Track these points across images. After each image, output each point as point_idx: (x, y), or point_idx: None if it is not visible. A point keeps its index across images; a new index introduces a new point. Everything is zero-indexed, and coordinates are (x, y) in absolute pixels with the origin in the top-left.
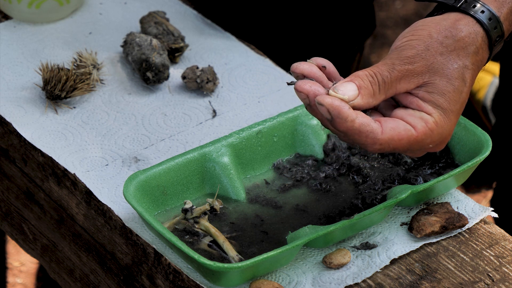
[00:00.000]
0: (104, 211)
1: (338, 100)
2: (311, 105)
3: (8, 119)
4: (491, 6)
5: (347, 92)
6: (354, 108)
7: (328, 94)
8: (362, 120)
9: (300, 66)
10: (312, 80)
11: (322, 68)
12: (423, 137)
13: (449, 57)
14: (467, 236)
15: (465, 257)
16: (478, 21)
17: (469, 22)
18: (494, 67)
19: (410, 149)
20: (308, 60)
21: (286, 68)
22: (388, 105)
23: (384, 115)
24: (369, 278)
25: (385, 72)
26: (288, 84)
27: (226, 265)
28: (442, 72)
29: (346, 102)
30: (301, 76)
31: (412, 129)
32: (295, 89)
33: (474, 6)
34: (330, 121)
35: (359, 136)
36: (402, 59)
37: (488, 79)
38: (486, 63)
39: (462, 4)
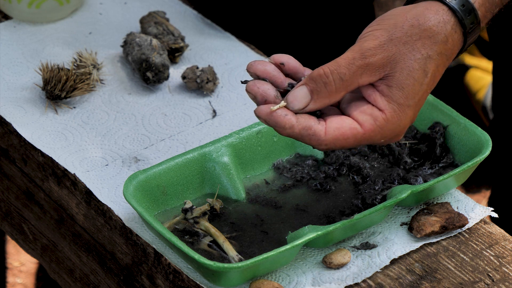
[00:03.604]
0: (104, 211)
1: (276, 109)
2: None
3: (8, 119)
4: None
5: (296, 102)
6: (309, 111)
7: (279, 93)
8: (303, 124)
9: (254, 66)
10: (265, 80)
11: (280, 66)
12: (371, 134)
13: (412, 46)
14: (467, 236)
15: (465, 257)
16: (451, 8)
17: (439, 10)
18: None
19: (359, 145)
20: (267, 58)
21: None
22: (354, 98)
23: (345, 110)
24: (369, 278)
25: (343, 69)
26: (242, 82)
27: (226, 265)
28: (403, 63)
29: (288, 109)
30: (255, 76)
31: (358, 126)
32: (246, 89)
33: None
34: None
35: (303, 139)
36: (363, 52)
37: (488, 79)
38: (461, 52)
39: None
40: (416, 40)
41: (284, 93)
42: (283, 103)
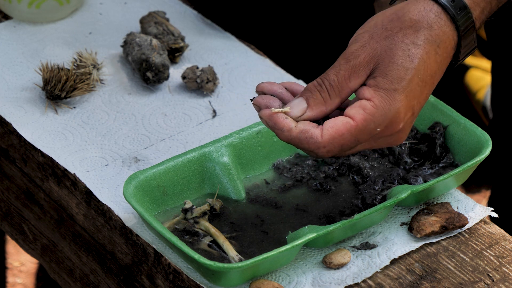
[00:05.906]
0: (104, 211)
1: (276, 112)
2: None
3: (8, 119)
4: None
5: (293, 109)
6: (308, 120)
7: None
8: (301, 128)
9: (261, 85)
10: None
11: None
12: (364, 123)
13: (394, 38)
14: (467, 236)
15: (465, 257)
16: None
17: (419, 1)
18: None
19: (358, 140)
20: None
21: (286, 68)
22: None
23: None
24: (369, 278)
25: (332, 75)
26: (251, 100)
27: (226, 265)
28: (385, 54)
29: (287, 113)
30: (262, 94)
31: (350, 120)
32: (253, 103)
33: None
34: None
35: (302, 144)
36: (347, 57)
37: (488, 79)
38: (459, 50)
39: None
40: (396, 32)
41: None
42: (286, 108)
